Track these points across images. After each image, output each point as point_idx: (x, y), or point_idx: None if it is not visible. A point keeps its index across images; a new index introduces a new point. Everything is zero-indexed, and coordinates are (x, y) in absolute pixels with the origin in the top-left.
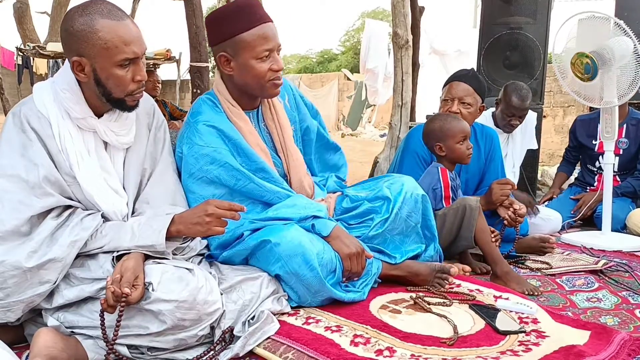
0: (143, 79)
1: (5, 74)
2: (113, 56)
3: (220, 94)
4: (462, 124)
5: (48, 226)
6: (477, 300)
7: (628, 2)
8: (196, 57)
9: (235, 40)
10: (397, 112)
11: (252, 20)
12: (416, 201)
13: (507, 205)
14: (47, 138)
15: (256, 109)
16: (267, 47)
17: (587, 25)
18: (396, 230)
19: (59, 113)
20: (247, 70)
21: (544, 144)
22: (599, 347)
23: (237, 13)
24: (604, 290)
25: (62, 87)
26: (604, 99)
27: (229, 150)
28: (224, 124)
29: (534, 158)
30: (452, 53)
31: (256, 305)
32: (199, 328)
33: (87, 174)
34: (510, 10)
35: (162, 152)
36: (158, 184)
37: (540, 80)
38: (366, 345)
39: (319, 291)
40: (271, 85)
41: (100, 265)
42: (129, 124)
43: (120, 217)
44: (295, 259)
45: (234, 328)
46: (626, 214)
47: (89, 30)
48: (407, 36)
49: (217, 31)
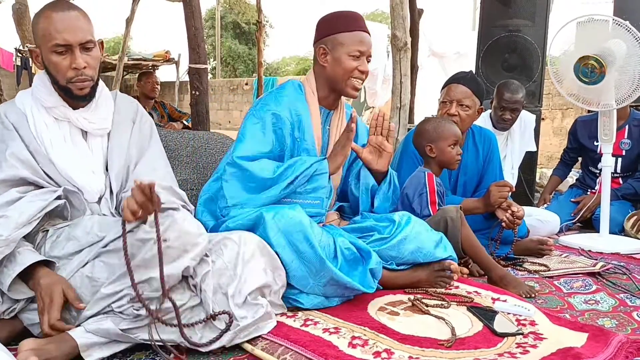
0: (78, 67)
1: (4, 75)
2: (47, 42)
3: (308, 83)
4: (455, 128)
5: (11, 195)
6: (475, 302)
7: (627, 5)
8: (195, 59)
9: (336, 37)
10: (395, 114)
11: (354, 25)
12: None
13: (505, 208)
14: (22, 129)
15: (329, 111)
16: (361, 49)
17: (587, 29)
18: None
19: (35, 106)
20: (338, 64)
21: (542, 146)
22: (597, 349)
23: (344, 17)
24: (602, 293)
25: (37, 82)
26: (601, 102)
27: (291, 122)
28: (299, 103)
29: (532, 160)
30: (451, 55)
31: (242, 267)
32: (188, 258)
33: (62, 154)
34: (509, 13)
35: (150, 143)
36: (147, 166)
37: (538, 83)
38: (364, 347)
39: (319, 270)
40: (352, 84)
41: (87, 231)
42: (102, 112)
43: (96, 192)
44: (296, 235)
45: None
46: (624, 217)
47: (36, 22)
48: (405, 38)
49: (323, 28)
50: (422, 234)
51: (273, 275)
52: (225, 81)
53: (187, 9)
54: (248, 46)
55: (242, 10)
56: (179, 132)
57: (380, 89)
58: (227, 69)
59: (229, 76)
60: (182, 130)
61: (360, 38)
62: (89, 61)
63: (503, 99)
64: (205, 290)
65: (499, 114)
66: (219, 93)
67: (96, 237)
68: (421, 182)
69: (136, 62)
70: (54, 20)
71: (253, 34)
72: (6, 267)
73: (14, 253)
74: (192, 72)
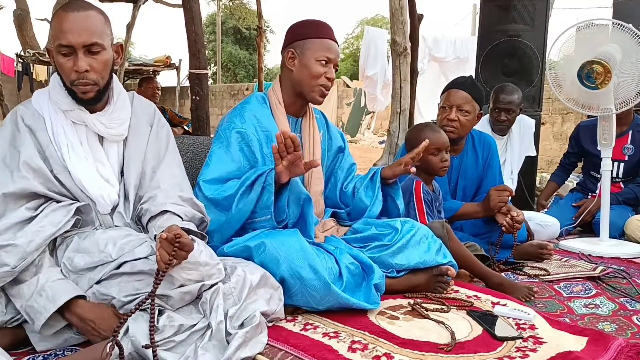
0: (79, 70)
1: (5, 81)
2: (54, 42)
3: (274, 93)
4: (439, 135)
5: (21, 214)
6: (474, 307)
7: (626, 10)
8: (195, 64)
9: (305, 42)
10: (395, 119)
11: (323, 33)
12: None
13: (504, 212)
14: (39, 131)
15: (298, 119)
16: (329, 55)
17: (587, 33)
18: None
19: (52, 109)
20: (306, 68)
21: (542, 150)
22: (596, 353)
23: (314, 25)
24: (602, 297)
25: (53, 83)
26: (601, 106)
27: (258, 139)
28: (264, 118)
29: (532, 165)
30: (451, 60)
31: (246, 294)
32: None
33: (77, 162)
34: (509, 18)
35: (167, 148)
36: (166, 172)
37: (538, 87)
38: (364, 351)
39: (325, 296)
40: (319, 90)
41: (101, 249)
42: (118, 118)
43: (109, 203)
44: (298, 262)
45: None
46: (624, 221)
47: (51, 21)
48: (405, 44)
49: (293, 33)
50: (423, 241)
51: (275, 304)
52: (226, 86)
53: (187, 15)
54: (249, 51)
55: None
56: (179, 137)
57: (380, 94)
58: (228, 74)
59: (229, 81)
60: (182, 136)
61: (329, 46)
62: (93, 64)
63: (498, 101)
64: (212, 308)
65: (494, 116)
66: (219, 98)
67: (110, 257)
68: (408, 190)
69: (137, 67)
70: (63, 20)
71: (254, 39)
72: (36, 302)
73: (43, 287)
74: (192, 77)
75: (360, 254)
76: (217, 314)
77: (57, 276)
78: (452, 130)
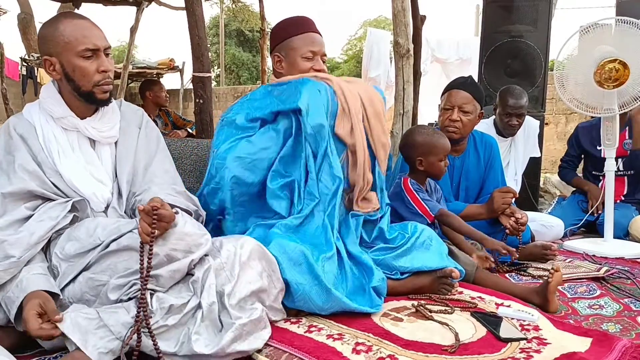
0: (107, 70)
1: (10, 84)
2: (74, 48)
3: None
4: (446, 141)
5: (21, 212)
6: (478, 308)
7: (629, 9)
8: (199, 67)
9: (287, 43)
10: (398, 120)
11: (303, 28)
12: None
13: (508, 214)
14: (31, 139)
15: None
16: (313, 49)
17: (594, 34)
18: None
19: (43, 118)
20: (294, 67)
21: (546, 151)
22: (601, 354)
23: (293, 22)
24: (606, 298)
25: (45, 94)
26: (604, 106)
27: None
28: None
29: (536, 165)
30: (454, 61)
31: (238, 269)
32: (193, 256)
33: (68, 165)
34: (511, 19)
35: (158, 148)
36: (159, 169)
37: (541, 88)
38: (368, 353)
39: (326, 302)
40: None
41: (90, 234)
42: (109, 121)
43: (102, 201)
44: (298, 268)
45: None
46: (629, 221)
47: (53, 30)
48: (408, 45)
49: (274, 37)
50: (427, 243)
51: (271, 280)
52: (230, 89)
53: (190, 18)
54: (252, 53)
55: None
56: (182, 140)
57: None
58: (231, 77)
59: (233, 83)
60: (185, 139)
61: (311, 39)
62: (109, 66)
63: (508, 105)
64: (204, 287)
65: (505, 121)
66: (223, 100)
67: (98, 240)
68: (398, 188)
69: (141, 70)
70: (81, 27)
71: (257, 41)
72: (12, 292)
73: (22, 278)
74: (196, 80)
75: (362, 256)
76: (208, 294)
77: (38, 271)
78: (454, 130)
